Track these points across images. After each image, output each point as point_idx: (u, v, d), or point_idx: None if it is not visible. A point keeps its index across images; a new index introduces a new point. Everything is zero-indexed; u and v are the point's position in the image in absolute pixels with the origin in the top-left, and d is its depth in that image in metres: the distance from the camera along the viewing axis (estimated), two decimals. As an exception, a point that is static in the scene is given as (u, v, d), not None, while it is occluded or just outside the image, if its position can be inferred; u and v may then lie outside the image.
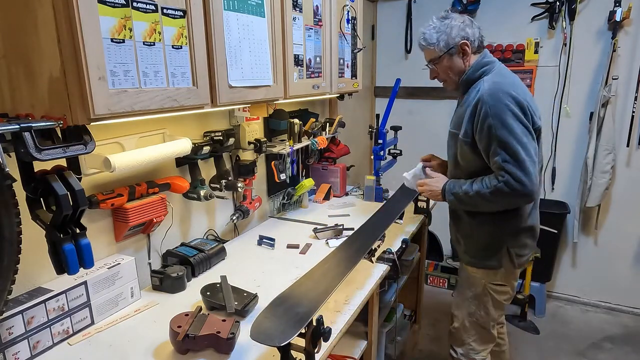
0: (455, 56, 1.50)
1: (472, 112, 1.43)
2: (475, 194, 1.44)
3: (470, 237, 1.59)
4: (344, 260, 1.40)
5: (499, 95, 1.38)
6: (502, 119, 1.36)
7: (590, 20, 2.71)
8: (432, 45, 1.50)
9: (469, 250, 1.61)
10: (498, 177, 1.39)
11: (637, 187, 2.82)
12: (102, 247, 1.37)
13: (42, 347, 1.12)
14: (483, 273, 1.58)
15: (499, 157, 1.37)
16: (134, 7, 0.96)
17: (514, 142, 1.35)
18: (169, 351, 1.13)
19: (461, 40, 1.47)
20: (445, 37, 1.47)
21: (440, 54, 1.50)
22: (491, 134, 1.37)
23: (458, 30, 1.47)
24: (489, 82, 1.43)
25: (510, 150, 1.35)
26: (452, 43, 1.47)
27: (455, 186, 1.52)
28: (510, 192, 1.37)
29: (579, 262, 3.11)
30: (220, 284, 1.38)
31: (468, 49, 1.48)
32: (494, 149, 1.38)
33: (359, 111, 3.27)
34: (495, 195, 1.40)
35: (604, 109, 2.69)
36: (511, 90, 1.39)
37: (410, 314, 2.51)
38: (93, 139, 0.99)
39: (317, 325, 1.03)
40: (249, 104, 1.55)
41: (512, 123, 1.36)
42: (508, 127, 1.35)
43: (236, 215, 1.86)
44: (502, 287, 1.59)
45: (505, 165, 1.36)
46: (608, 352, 2.62)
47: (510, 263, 1.54)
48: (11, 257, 0.90)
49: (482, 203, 1.46)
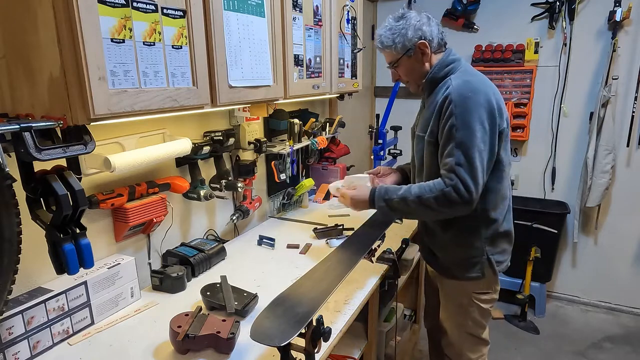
0: (414, 57, 1.42)
1: (438, 111, 1.36)
2: (416, 199, 1.34)
3: (447, 250, 1.52)
4: (344, 260, 1.40)
5: (468, 95, 1.31)
6: (465, 120, 1.29)
7: (590, 20, 2.71)
8: (389, 48, 1.43)
9: (447, 264, 1.54)
10: (445, 181, 1.30)
11: (637, 187, 2.82)
12: (102, 247, 1.37)
13: (42, 347, 1.12)
14: (466, 284, 1.52)
15: (453, 159, 1.29)
16: (134, 7, 0.96)
17: (473, 146, 1.28)
18: (169, 351, 1.13)
19: (418, 41, 1.39)
20: (401, 39, 1.40)
21: (399, 56, 1.43)
22: (451, 134, 1.29)
23: (414, 30, 1.39)
24: (459, 79, 1.36)
25: (466, 154, 1.28)
26: (409, 44, 1.40)
27: (388, 192, 1.41)
28: (457, 199, 1.28)
29: (579, 262, 3.11)
30: (220, 284, 1.38)
31: (427, 49, 1.41)
32: (450, 149, 1.30)
33: (359, 111, 3.27)
34: (439, 201, 1.31)
35: (604, 109, 2.69)
36: (481, 90, 1.33)
37: (410, 314, 2.51)
38: (93, 139, 1.00)
39: (317, 325, 1.03)
40: (249, 104, 1.55)
41: (475, 126, 1.29)
42: (470, 130, 1.28)
43: (236, 215, 1.86)
44: (487, 294, 1.53)
45: (457, 168, 1.28)
46: (608, 352, 2.62)
47: (491, 270, 1.48)
48: (11, 257, 0.90)
49: (420, 210, 1.36)
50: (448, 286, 1.59)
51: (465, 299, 1.53)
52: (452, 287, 1.57)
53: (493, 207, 1.43)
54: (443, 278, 1.59)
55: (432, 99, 1.42)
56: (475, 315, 1.55)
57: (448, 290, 1.60)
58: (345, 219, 2.13)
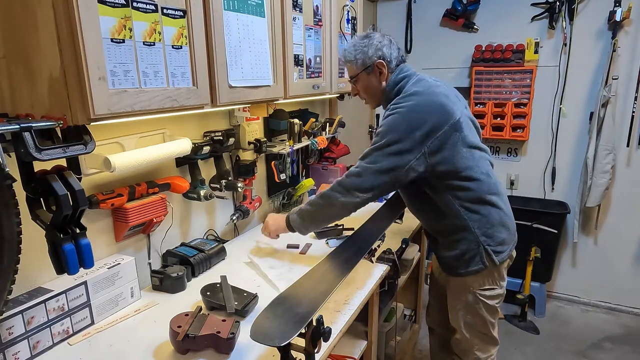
0: (372, 75, 1.51)
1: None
2: (318, 197, 1.51)
3: (448, 247, 1.56)
4: (344, 260, 1.40)
5: (402, 103, 1.40)
6: (386, 127, 1.39)
7: (590, 20, 2.71)
8: (350, 62, 1.52)
9: (449, 263, 1.57)
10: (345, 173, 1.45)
11: (637, 187, 2.82)
12: (102, 247, 1.37)
13: (42, 347, 1.12)
14: (469, 280, 1.54)
15: (360, 159, 1.42)
16: (134, 7, 0.96)
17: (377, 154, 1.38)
18: (169, 351, 1.13)
19: (377, 60, 1.48)
20: (362, 56, 1.49)
21: (358, 72, 1.52)
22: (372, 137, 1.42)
23: (375, 50, 1.48)
24: (403, 92, 1.45)
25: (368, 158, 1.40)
26: (368, 62, 1.49)
27: (301, 207, 1.58)
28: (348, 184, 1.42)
29: (579, 262, 3.11)
30: (220, 284, 1.38)
31: (384, 69, 1.49)
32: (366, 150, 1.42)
33: (359, 111, 3.27)
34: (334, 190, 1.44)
35: (604, 109, 2.69)
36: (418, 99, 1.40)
37: (410, 314, 2.51)
38: (93, 139, 1.00)
39: (317, 325, 1.02)
40: (249, 104, 1.55)
41: (391, 136, 1.37)
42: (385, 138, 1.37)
43: (236, 215, 1.86)
44: (492, 290, 1.54)
45: (359, 163, 1.42)
46: (608, 352, 2.62)
47: (491, 262, 1.49)
48: (11, 257, 0.90)
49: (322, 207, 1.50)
50: (454, 285, 1.61)
51: (471, 296, 1.55)
52: (458, 286, 1.59)
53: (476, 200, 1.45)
54: (449, 277, 1.62)
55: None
56: (482, 313, 1.57)
57: (455, 289, 1.61)
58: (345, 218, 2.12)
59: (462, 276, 1.54)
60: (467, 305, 1.57)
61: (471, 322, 1.59)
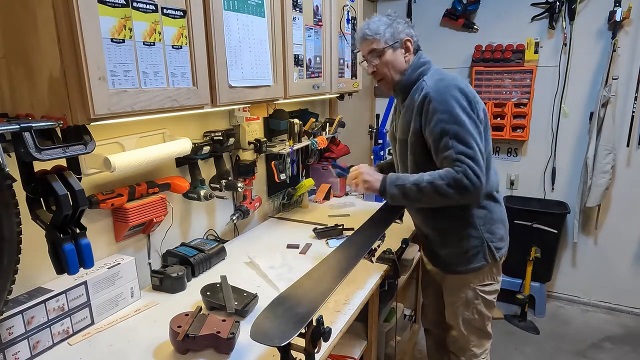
0: (398, 51, 1.48)
1: (419, 110, 1.41)
2: (428, 185, 1.36)
3: (448, 246, 1.56)
4: (344, 260, 1.40)
5: (445, 89, 1.37)
6: (451, 112, 1.34)
7: (590, 20, 2.71)
8: (378, 35, 1.46)
9: (451, 260, 1.57)
10: (455, 169, 1.33)
11: (637, 187, 2.82)
12: (102, 247, 1.37)
13: (42, 347, 1.12)
14: (469, 277, 1.55)
15: (452, 150, 1.33)
16: (134, 7, 0.96)
17: (467, 135, 1.33)
18: (169, 351, 1.13)
19: (405, 37, 1.47)
20: (391, 30, 1.46)
21: (385, 47, 1.46)
22: (441, 128, 1.34)
23: (404, 27, 1.48)
24: (432, 79, 1.42)
25: (464, 143, 1.33)
26: (397, 37, 1.46)
27: (400, 178, 1.44)
28: (468, 185, 1.31)
29: (579, 262, 3.11)
30: (220, 284, 1.38)
31: (411, 45, 1.48)
32: (444, 142, 1.34)
33: (359, 111, 3.27)
34: (452, 187, 1.33)
35: (604, 109, 2.69)
36: (456, 83, 1.39)
37: (410, 314, 2.51)
38: (93, 139, 1.00)
39: (317, 325, 1.02)
40: (249, 104, 1.55)
41: (462, 118, 1.34)
42: (459, 122, 1.33)
43: (236, 215, 1.86)
44: (490, 285, 1.57)
45: (460, 157, 1.32)
46: (608, 352, 2.62)
47: (492, 258, 1.52)
48: (11, 257, 0.90)
49: (431, 196, 1.37)
50: (453, 282, 1.61)
51: (471, 292, 1.57)
52: (456, 283, 1.59)
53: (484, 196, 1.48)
54: (446, 275, 1.62)
55: (409, 102, 1.47)
56: (481, 308, 1.58)
57: (453, 287, 1.62)
58: (345, 219, 2.13)
59: (462, 274, 1.55)
60: (467, 302, 1.58)
61: (469, 318, 1.60)
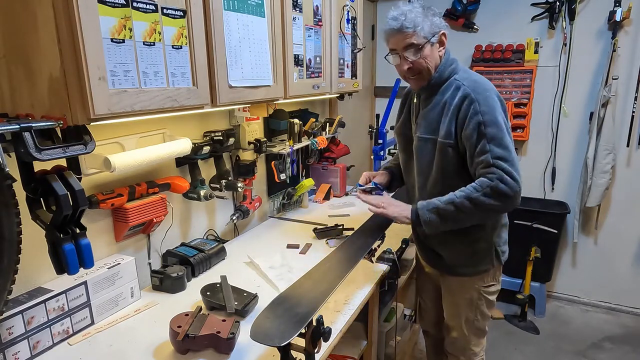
0: (435, 46, 1.38)
1: (455, 111, 1.35)
2: (465, 200, 1.30)
3: (453, 249, 1.51)
4: (344, 260, 1.40)
5: (485, 92, 1.34)
6: (493, 116, 1.31)
7: (590, 20, 2.71)
8: (416, 29, 1.33)
9: (456, 261, 1.53)
10: (489, 176, 1.29)
11: (637, 187, 2.82)
12: (102, 247, 1.37)
13: (42, 347, 1.12)
14: (474, 279, 1.54)
15: (489, 154, 1.29)
16: (134, 7, 0.96)
17: (505, 139, 1.31)
18: (169, 351, 1.13)
19: (441, 30, 1.38)
20: (429, 23, 1.34)
21: (424, 42, 1.35)
22: (480, 131, 1.30)
23: (439, 19, 1.38)
24: (467, 80, 1.38)
25: (501, 146, 1.29)
26: (434, 30, 1.36)
27: (430, 202, 1.37)
28: (506, 190, 1.27)
29: (579, 262, 3.11)
30: (220, 284, 1.38)
31: (445, 39, 1.40)
32: (482, 146, 1.30)
33: (359, 111, 3.27)
34: (490, 197, 1.28)
35: (604, 109, 2.69)
36: (492, 86, 1.38)
37: (410, 314, 2.51)
38: (93, 139, 1.00)
39: (317, 325, 1.03)
40: (249, 104, 1.55)
41: (501, 121, 1.32)
42: (499, 125, 1.31)
43: (236, 215, 1.86)
44: (493, 286, 1.57)
45: (496, 162, 1.28)
46: (608, 352, 2.62)
47: (498, 261, 1.52)
48: (11, 257, 0.90)
49: (471, 212, 1.32)
50: (455, 284, 1.59)
51: (475, 293, 1.55)
52: (459, 285, 1.57)
53: None
54: (448, 277, 1.60)
55: (438, 99, 1.40)
56: (484, 309, 1.58)
57: (455, 288, 1.59)
58: (345, 219, 2.13)
59: (467, 276, 1.54)
60: (470, 303, 1.57)
61: (472, 318, 1.59)
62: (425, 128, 1.44)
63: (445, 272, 1.60)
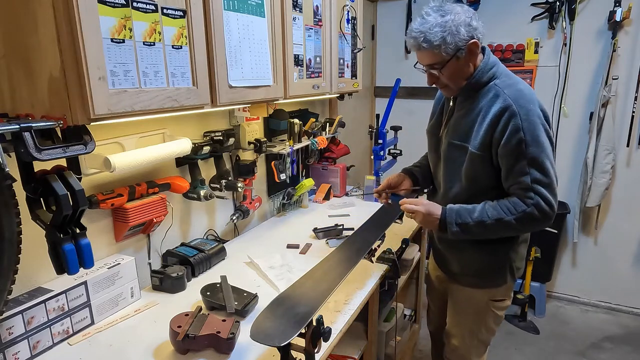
0: (463, 59, 1.25)
1: (493, 122, 1.25)
2: (495, 222, 1.26)
3: (469, 259, 1.46)
4: (344, 260, 1.40)
5: (530, 107, 1.23)
6: (534, 134, 1.21)
7: (590, 20, 2.71)
8: (437, 48, 1.22)
9: (468, 270, 1.48)
10: (525, 201, 1.24)
11: (637, 187, 2.82)
12: (102, 247, 1.37)
13: (42, 347, 1.12)
14: (485, 292, 1.48)
15: (528, 177, 1.22)
16: (134, 7, 0.96)
17: (546, 160, 1.23)
18: (169, 351, 1.13)
19: (470, 40, 1.23)
20: (452, 38, 1.20)
21: (448, 58, 1.24)
22: (521, 151, 1.21)
23: (466, 28, 1.21)
24: (509, 88, 1.26)
25: (541, 169, 1.22)
26: (460, 44, 1.22)
27: (461, 215, 1.31)
28: (540, 217, 1.23)
29: (579, 262, 3.11)
30: (220, 284, 1.38)
31: (477, 49, 1.26)
32: (521, 167, 1.23)
33: (359, 111, 3.27)
34: (522, 222, 1.24)
35: (604, 109, 2.69)
36: (535, 99, 1.26)
37: (410, 314, 2.51)
38: (93, 139, 0.99)
39: (317, 325, 1.03)
40: (249, 104, 1.55)
41: (543, 140, 1.23)
42: (540, 144, 1.22)
43: (236, 215, 1.86)
44: (503, 302, 1.51)
45: (535, 186, 1.22)
46: (608, 352, 2.62)
47: (512, 278, 1.45)
48: (11, 257, 0.90)
49: (498, 232, 1.29)
50: (463, 294, 1.53)
51: (483, 306, 1.49)
52: (468, 295, 1.52)
53: None
54: (457, 285, 1.54)
55: (474, 105, 1.31)
56: (490, 323, 1.52)
57: (463, 298, 1.54)
58: (345, 219, 2.13)
59: (475, 287, 1.49)
60: (477, 315, 1.52)
61: (476, 330, 1.54)
62: (456, 133, 1.36)
63: (456, 280, 1.54)
